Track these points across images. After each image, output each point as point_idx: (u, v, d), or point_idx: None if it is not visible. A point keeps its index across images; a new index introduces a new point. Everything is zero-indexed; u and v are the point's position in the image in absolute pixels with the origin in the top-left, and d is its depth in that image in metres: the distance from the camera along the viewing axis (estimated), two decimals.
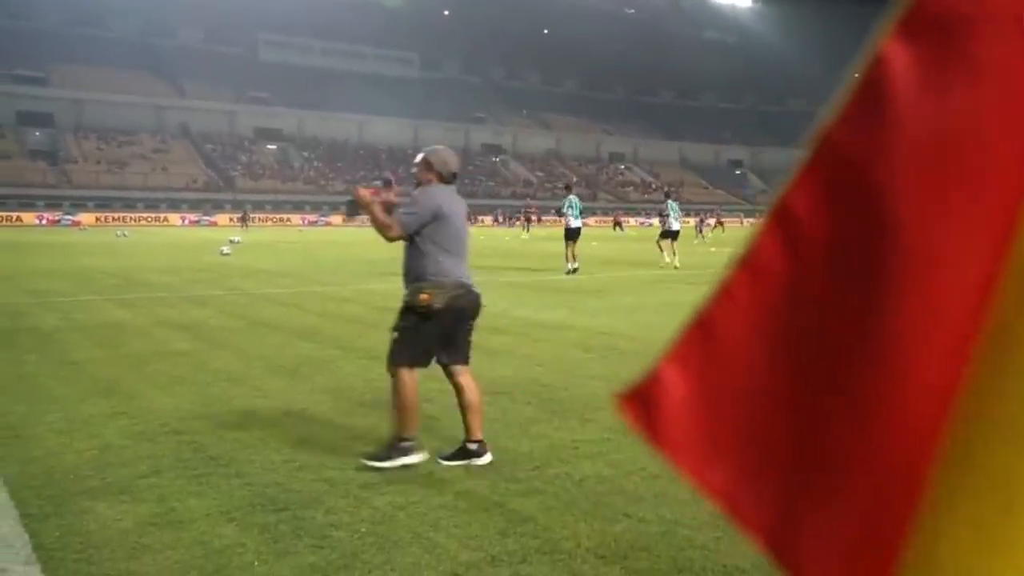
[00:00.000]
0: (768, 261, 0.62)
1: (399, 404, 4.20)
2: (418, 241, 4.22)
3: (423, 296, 4.13)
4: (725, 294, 0.64)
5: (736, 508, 0.64)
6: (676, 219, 18.58)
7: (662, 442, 0.64)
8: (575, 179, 72.28)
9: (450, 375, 4.37)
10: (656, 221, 19.43)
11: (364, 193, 4.37)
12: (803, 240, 0.61)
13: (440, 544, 3.21)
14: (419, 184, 4.36)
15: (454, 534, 3.30)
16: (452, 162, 4.40)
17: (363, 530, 3.35)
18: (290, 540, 3.27)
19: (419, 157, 4.42)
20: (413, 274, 4.25)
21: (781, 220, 0.62)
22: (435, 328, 4.19)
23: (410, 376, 4.20)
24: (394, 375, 4.22)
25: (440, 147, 4.52)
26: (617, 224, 49.60)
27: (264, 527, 3.40)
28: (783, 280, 0.62)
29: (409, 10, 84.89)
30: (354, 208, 4.41)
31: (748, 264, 0.63)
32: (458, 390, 4.36)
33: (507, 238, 36.50)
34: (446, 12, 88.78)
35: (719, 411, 0.64)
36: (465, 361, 4.35)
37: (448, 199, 4.29)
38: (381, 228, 4.24)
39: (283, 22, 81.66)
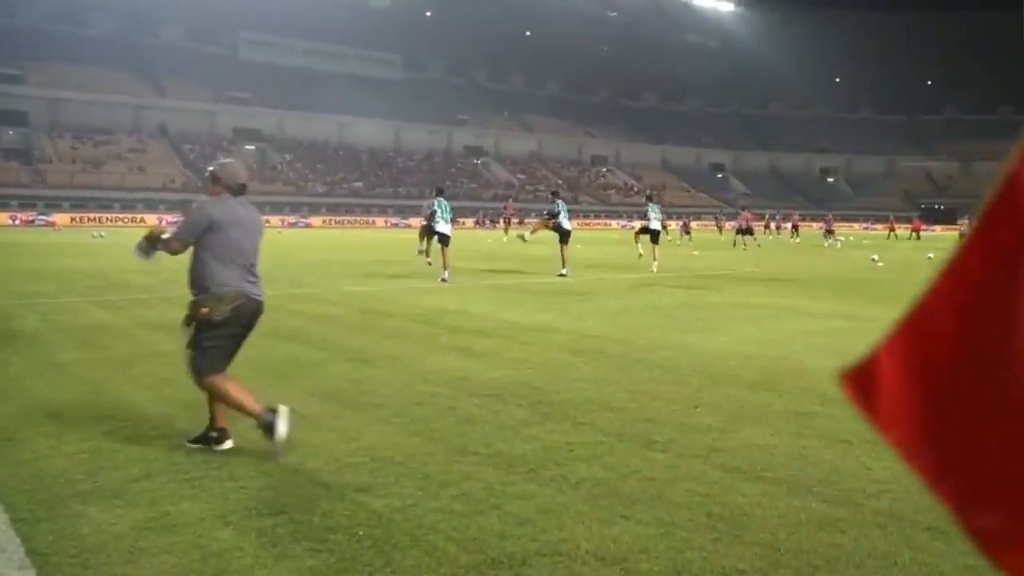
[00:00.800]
0: (971, 269, 0.70)
1: (234, 405, 4.38)
2: (197, 250, 4.45)
3: (203, 310, 4.35)
4: (935, 294, 0.71)
5: (934, 482, 0.72)
6: (657, 219, 18.79)
7: (876, 416, 0.73)
8: (559, 182, 72.48)
9: None
10: (638, 224, 19.70)
11: (157, 229, 4.70)
12: (1003, 255, 0.68)
13: (439, 547, 3.21)
14: (213, 196, 4.61)
15: (453, 537, 3.31)
16: (240, 174, 4.65)
17: (361, 533, 3.35)
18: (288, 544, 3.26)
19: (208, 171, 4.71)
20: (194, 284, 4.47)
21: (982, 233, 0.69)
22: (230, 333, 4.42)
23: (221, 379, 4.39)
24: (208, 388, 4.41)
25: (229, 160, 4.79)
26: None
27: (261, 530, 3.38)
28: (985, 287, 0.69)
29: (392, 11, 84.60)
30: (149, 246, 4.65)
31: (955, 269, 0.70)
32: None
33: (489, 240, 36.47)
34: (428, 13, 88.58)
35: (925, 395, 0.72)
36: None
37: (231, 210, 4.50)
38: (167, 247, 4.54)
39: (265, 21, 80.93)
